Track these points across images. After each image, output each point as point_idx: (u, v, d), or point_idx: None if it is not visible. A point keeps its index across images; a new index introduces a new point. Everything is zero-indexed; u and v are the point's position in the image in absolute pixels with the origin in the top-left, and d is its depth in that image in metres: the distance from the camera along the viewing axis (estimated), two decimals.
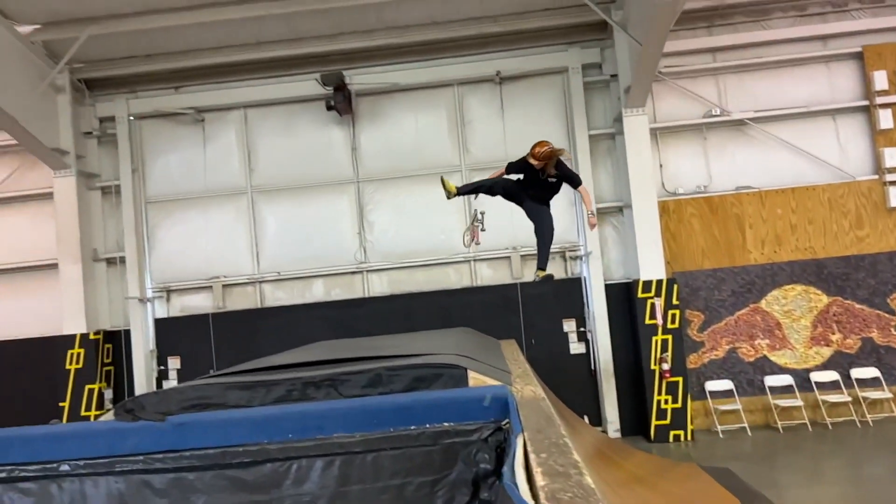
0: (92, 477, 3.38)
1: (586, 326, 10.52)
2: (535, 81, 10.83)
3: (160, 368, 10.79)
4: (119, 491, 3.35)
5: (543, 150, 6.00)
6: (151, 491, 3.34)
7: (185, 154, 11.06)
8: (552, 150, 6.03)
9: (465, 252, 10.71)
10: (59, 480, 3.38)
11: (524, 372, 4.73)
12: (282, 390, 4.13)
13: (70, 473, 3.37)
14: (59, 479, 3.38)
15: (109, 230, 11.03)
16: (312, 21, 10.11)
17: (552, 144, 6.07)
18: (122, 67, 10.77)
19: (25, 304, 10.98)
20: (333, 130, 11.00)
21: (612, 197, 10.67)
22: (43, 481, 3.37)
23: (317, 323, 10.48)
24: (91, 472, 3.38)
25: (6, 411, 10.25)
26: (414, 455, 3.31)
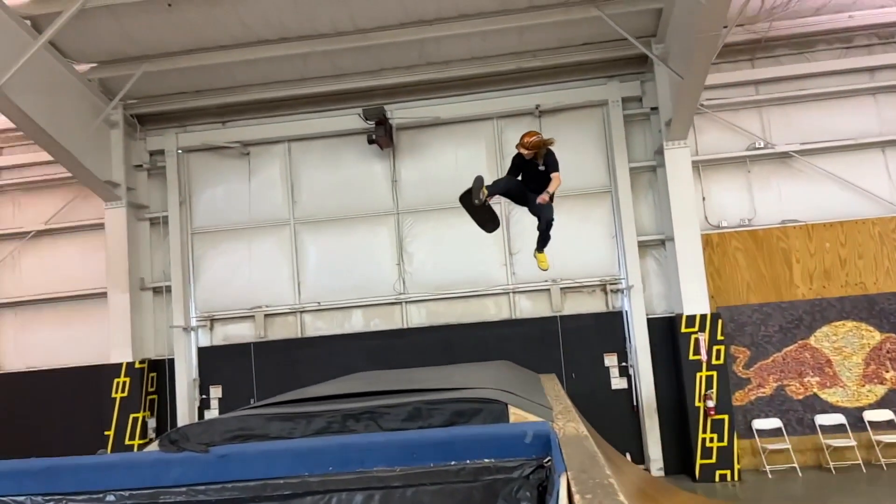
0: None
1: (628, 361, 10.33)
2: (575, 114, 10.85)
3: (202, 397, 10.93)
4: None
5: (532, 139, 6.21)
6: None
7: (231, 186, 11.33)
8: (541, 138, 6.23)
9: (505, 284, 10.69)
10: None
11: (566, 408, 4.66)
12: (322, 422, 4.14)
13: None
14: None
15: (156, 260, 11.32)
16: (355, 57, 10.34)
17: (541, 134, 6.28)
18: (172, 103, 11.15)
19: (75, 332, 11.28)
20: (374, 163, 11.16)
21: (653, 230, 10.54)
22: None
23: (356, 353, 10.52)
24: (136, 502, 3.42)
25: (54, 438, 10.49)
26: (454, 491, 3.28)
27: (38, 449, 9.51)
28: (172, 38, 9.68)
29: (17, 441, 10.66)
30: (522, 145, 6.25)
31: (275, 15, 9.32)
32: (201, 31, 9.54)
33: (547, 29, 9.92)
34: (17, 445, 10.45)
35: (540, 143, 6.21)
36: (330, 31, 9.79)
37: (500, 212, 10.72)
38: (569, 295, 10.61)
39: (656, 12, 9.69)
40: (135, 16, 9.06)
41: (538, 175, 6.42)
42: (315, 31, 9.76)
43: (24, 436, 10.79)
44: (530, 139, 6.19)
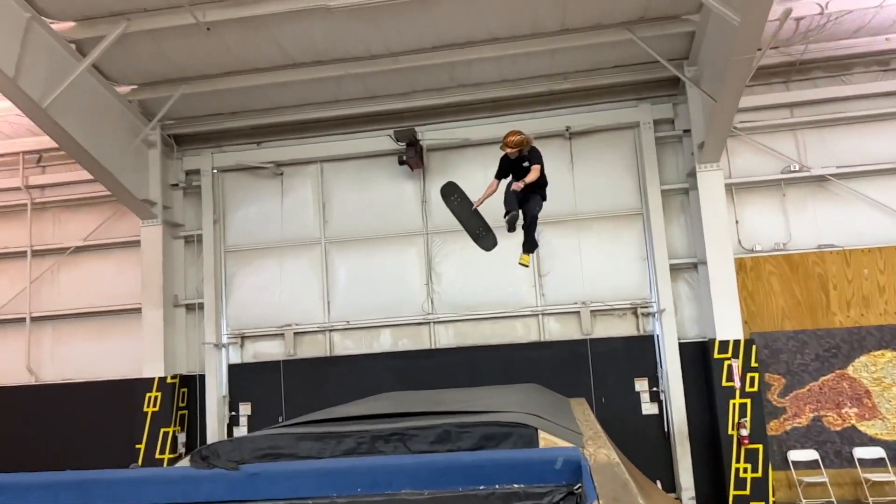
0: None
1: (659, 386, 10.17)
2: (606, 136, 10.83)
3: (231, 414, 11.02)
4: None
5: (515, 138, 6.44)
6: None
7: (264, 205, 11.50)
8: (524, 137, 6.46)
9: (533, 305, 10.63)
10: None
11: (596, 434, 4.60)
12: (351, 442, 4.14)
13: None
14: None
15: (190, 277, 11.50)
16: (387, 80, 10.48)
17: (522, 132, 6.48)
18: (208, 124, 11.40)
19: (109, 346, 11.49)
20: (404, 184, 11.24)
21: (685, 253, 10.42)
22: None
23: (384, 373, 10.53)
24: None
25: (87, 449, 10.66)
26: None
27: (72, 459, 9.70)
28: (210, 61, 9.92)
29: (51, 451, 10.87)
30: (506, 144, 6.49)
31: (310, 38, 9.50)
32: (238, 55, 9.77)
33: (578, 51, 9.95)
34: (51, 455, 10.66)
35: (522, 141, 6.45)
36: (363, 55, 9.94)
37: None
38: (599, 317, 10.51)
39: (689, 35, 9.66)
40: (174, 39, 9.31)
41: (524, 172, 6.63)
42: (349, 55, 9.92)
43: (58, 446, 10.99)
44: (513, 138, 6.44)
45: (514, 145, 6.43)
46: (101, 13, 8.86)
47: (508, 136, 6.46)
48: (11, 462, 10.57)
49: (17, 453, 10.92)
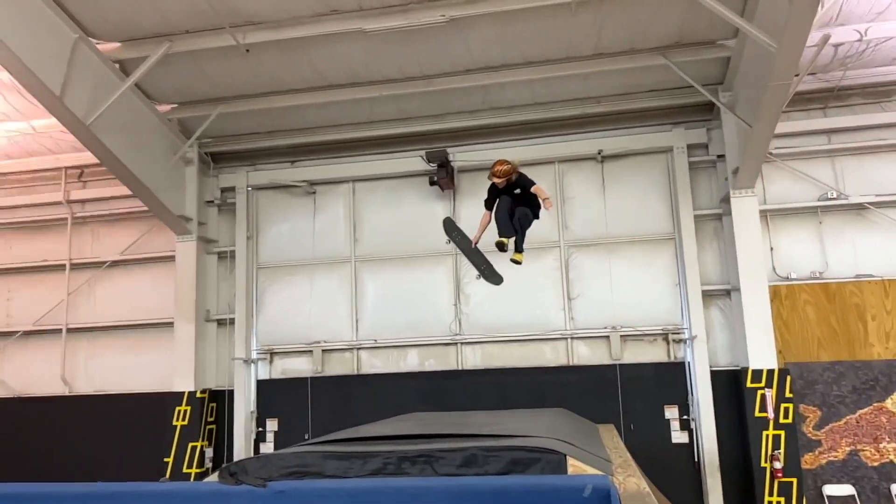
0: None
1: (690, 414, 9.98)
2: (638, 160, 10.78)
3: (259, 430, 11.08)
4: None
5: (504, 167, 6.38)
6: None
7: (296, 223, 11.65)
8: (512, 166, 6.41)
9: (562, 329, 10.55)
10: None
11: (625, 461, 4.53)
12: (378, 462, 4.14)
13: None
14: None
15: (222, 293, 11.66)
16: (420, 102, 10.59)
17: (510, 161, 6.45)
18: (244, 143, 11.62)
19: (141, 359, 11.68)
20: (435, 204, 11.29)
21: (718, 279, 10.27)
22: None
23: (410, 393, 10.52)
24: None
25: (117, 462, 10.80)
26: None
27: (102, 470, 9.84)
28: (247, 82, 10.14)
29: (82, 461, 11.02)
30: (494, 174, 6.44)
31: (345, 61, 9.66)
32: (275, 75, 9.97)
33: (612, 75, 9.96)
34: (82, 465, 10.82)
35: (510, 170, 6.42)
36: (398, 76, 10.07)
37: (560, 257, 10.72)
38: (629, 343, 10.39)
39: (724, 60, 9.61)
40: (214, 60, 9.54)
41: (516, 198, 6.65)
42: (383, 77, 10.06)
43: (89, 456, 11.14)
44: (501, 167, 6.40)
45: (502, 174, 6.41)
46: (145, 34, 9.13)
47: (496, 165, 6.46)
48: (44, 472, 10.77)
49: (50, 463, 11.11)
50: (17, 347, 12.25)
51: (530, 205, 6.75)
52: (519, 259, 7.09)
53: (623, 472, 4.04)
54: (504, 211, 6.74)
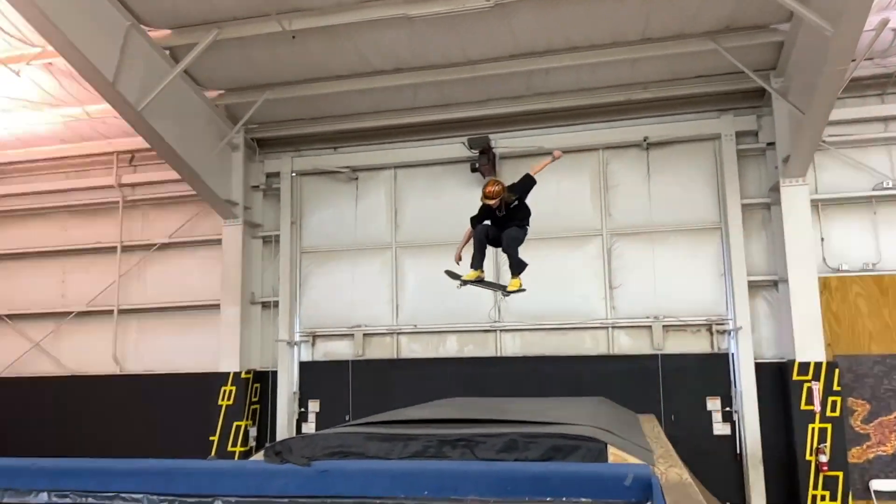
0: None
1: (732, 406, 9.82)
2: (685, 148, 10.57)
3: (301, 410, 11.30)
4: None
5: (496, 188, 6.39)
6: None
7: (339, 209, 11.77)
8: (503, 186, 6.45)
9: (603, 318, 10.47)
10: None
11: (667, 452, 4.50)
12: (419, 445, 4.19)
13: None
14: None
15: (267, 276, 11.88)
16: (463, 88, 10.56)
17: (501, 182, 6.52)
18: (289, 129, 11.77)
19: (189, 340, 11.99)
20: (476, 191, 11.12)
21: (766, 270, 10.04)
22: None
23: (449, 378, 10.57)
24: None
25: (165, 438, 11.14)
26: None
27: (150, 446, 10.16)
28: (293, 68, 10.26)
29: (133, 437, 11.40)
30: (486, 196, 6.43)
31: (390, 47, 9.69)
32: (320, 62, 10.06)
33: (659, 61, 9.77)
34: (132, 441, 11.19)
35: (502, 191, 6.42)
36: (441, 62, 10.06)
37: (602, 245, 10.61)
38: (671, 333, 10.25)
39: (777, 45, 9.33)
40: (261, 47, 9.67)
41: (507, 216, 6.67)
42: (427, 63, 10.06)
43: (138, 433, 11.51)
44: (493, 188, 6.40)
45: (494, 195, 6.38)
46: (194, 22, 9.30)
47: (487, 186, 6.45)
48: (96, 447, 11.17)
49: (102, 439, 11.52)
50: (72, 327, 12.69)
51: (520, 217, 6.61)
52: (516, 286, 6.87)
53: (665, 463, 4.01)
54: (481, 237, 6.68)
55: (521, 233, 6.79)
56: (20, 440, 11.74)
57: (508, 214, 6.66)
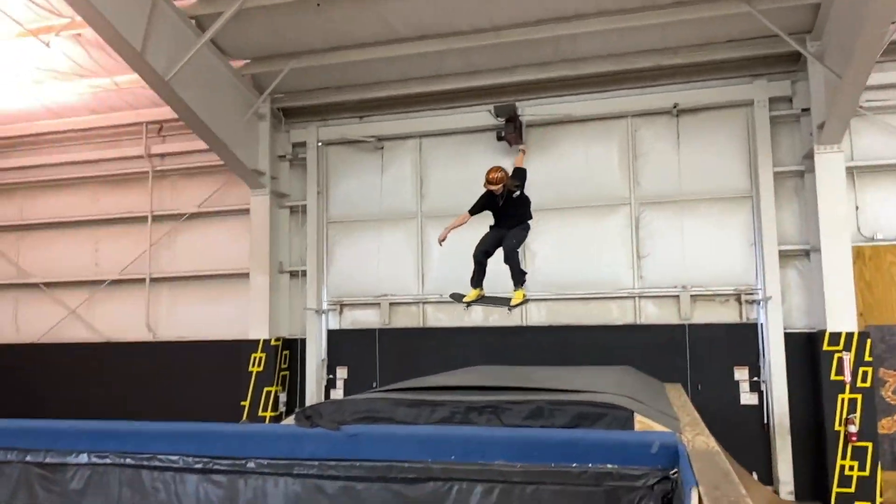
0: (273, 477, 3.68)
1: (760, 376, 9.76)
2: (716, 114, 10.36)
3: (329, 377, 11.49)
4: (295, 493, 3.61)
5: (499, 174, 6.37)
6: (324, 496, 3.57)
7: (365, 179, 11.79)
8: (505, 172, 6.41)
9: (630, 288, 10.42)
10: (246, 476, 3.71)
11: (694, 420, 4.50)
12: (446, 412, 4.26)
13: (255, 471, 3.69)
14: (246, 475, 3.71)
15: (294, 246, 12.00)
16: (489, 54, 10.42)
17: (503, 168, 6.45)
18: (314, 98, 11.75)
19: (219, 308, 12.20)
20: (502, 160, 11.08)
21: (797, 239, 9.87)
22: (232, 476, 3.72)
23: (474, 347, 10.64)
24: (272, 472, 3.68)
25: (197, 403, 11.39)
26: (575, 493, 3.27)
27: (183, 411, 10.42)
28: (318, 36, 10.20)
29: (166, 402, 11.69)
30: (489, 182, 6.41)
31: (415, 13, 9.57)
32: (345, 30, 9.98)
33: (691, 25, 9.51)
34: (166, 406, 11.46)
35: (505, 176, 6.40)
36: (467, 29, 9.92)
37: (630, 214, 10.49)
38: (699, 303, 10.17)
39: (813, 7, 9.02)
40: (286, 15, 9.62)
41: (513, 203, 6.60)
42: (452, 29, 9.93)
43: (172, 398, 11.80)
44: (496, 174, 6.38)
45: (497, 181, 6.36)
46: None
47: (491, 173, 6.41)
48: (131, 412, 11.49)
49: (136, 404, 11.83)
50: (106, 295, 12.98)
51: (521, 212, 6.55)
52: (520, 299, 6.76)
53: (691, 431, 4.02)
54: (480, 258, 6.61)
55: (522, 235, 6.73)
56: (59, 404, 12.15)
57: (509, 203, 6.55)
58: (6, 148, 13.72)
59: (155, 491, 3.80)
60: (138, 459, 3.86)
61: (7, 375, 12.94)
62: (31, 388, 12.74)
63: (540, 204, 10.79)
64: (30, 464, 4.02)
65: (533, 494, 3.34)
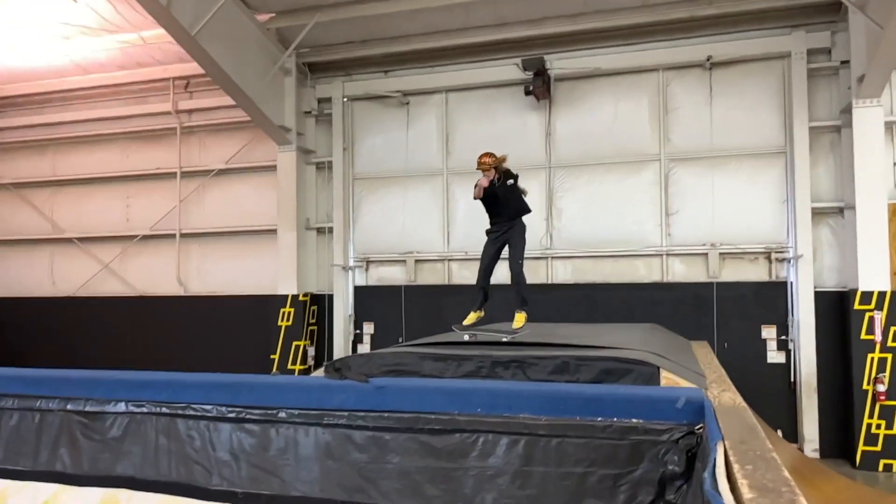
0: (304, 426, 3.77)
1: (788, 335, 9.69)
2: (751, 67, 10.05)
3: (356, 332, 11.67)
4: (325, 441, 3.71)
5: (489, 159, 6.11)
6: (352, 445, 3.66)
7: (390, 135, 11.73)
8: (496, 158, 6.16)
9: (658, 245, 10.33)
10: (277, 426, 3.81)
11: (720, 377, 4.50)
12: (472, 366, 4.32)
13: (286, 420, 3.79)
14: (277, 424, 3.81)
15: (321, 202, 12.06)
16: (518, 6, 10.19)
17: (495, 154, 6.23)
18: (339, 52, 11.64)
19: (248, 263, 12.38)
20: (529, 115, 11.05)
21: (831, 196, 9.66)
22: (264, 424, 3.82)
23: (499, 304, 10.63)
24: (303, 421, 3.78)
25: (229, 357, 11.69)
26: (599, 446, 3.31)
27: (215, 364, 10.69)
28: None
29: (198, 355, 12.01)
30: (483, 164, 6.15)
31: None
32: None
33: None
34: (198, 359, 11.79)
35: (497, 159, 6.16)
36: None
37: (660, 171, 10.32)
38: (728, 261, 10.06)
39: None
40: None
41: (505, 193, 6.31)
42: None
43: (203, 351, 12.12)
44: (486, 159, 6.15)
45: (491, 165, 6.13)
46: None
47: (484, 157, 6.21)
48: (164, 363, 11.82)
49: (170, 355, 12.17)
50: (138, 250, 13.24)
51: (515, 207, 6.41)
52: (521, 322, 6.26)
53: (718, 387, 4.02)
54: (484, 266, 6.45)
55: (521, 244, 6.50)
56: (96, 355, 12.53)
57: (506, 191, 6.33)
58: (37, 104, 13.89)
59: (190, 439, 3.92)
60: (174, 409, 3.98)
61: (45, 328, 13.37)
62: (68, 339, 13.15)
63: (567, 160, 10.80)
64: (70, 412, 4.17)
65: (558, 447, 3.38)
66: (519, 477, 3.41)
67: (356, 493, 3.54)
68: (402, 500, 3.49)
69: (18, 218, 14.01)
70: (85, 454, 4.06)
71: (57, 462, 4.12)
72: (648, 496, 3.23)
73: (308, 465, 3.69)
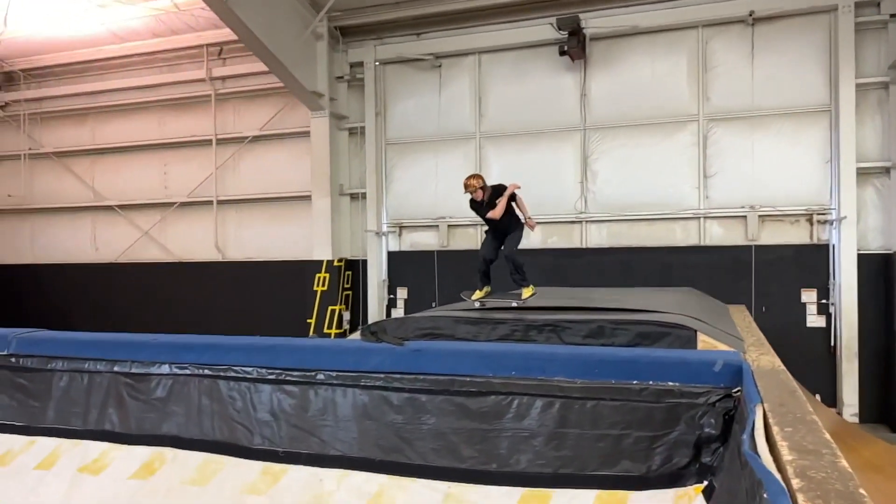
0: (341, 388, 3.84)
1: (829, 299, 9.50)
2: (795, 22, 9.69)
3: (390, 297, 11.78)
4: (363, 403, 3.78)
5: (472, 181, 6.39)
6: (389, 406, 3.72)
7: (422, 99, 11.64)
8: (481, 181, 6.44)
9: (695, 208, 10.15)
10: (316, 387, 3.89)
11: (758, 341, 4.44)
12: (506, 329, 4.33)
13: (324, 382, 3.86)
14: (316, 385, 3.89)
15: (354, 168, 12.09)
16: None
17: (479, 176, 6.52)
18: (371, 15, 11.52)
19: (284, 229, 12.54)
20: (563, 76, 10.85)
21: (877, 156, 9.35)
22: (303, 386, 3.90)
23: (533, 269, 10.42)
24: (341, 383, 3.84)
25: (267, 320, 11.93)
26: (634, 409, 3.31)
27: (252, 327, 10.92)
28: None
29: (236, 318, 12.28)
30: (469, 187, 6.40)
31: None
32: None
33: None
34: (236, 322, 12.06)
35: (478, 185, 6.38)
36: None
37: (698, 131, 10.09)
38: (767, 223, 9.85)
39: None
40: None
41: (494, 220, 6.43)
42: None
43: (241, 315, 12.38)
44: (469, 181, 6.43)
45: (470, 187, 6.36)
46: None
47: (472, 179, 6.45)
48: (203, 326, 12.11)
49: (210, 319, 12.46)
50: (176, 217, 13.48)
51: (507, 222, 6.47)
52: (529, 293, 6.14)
53: (756, 351, 3.97)
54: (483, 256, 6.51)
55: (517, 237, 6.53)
56: (139, 319, 12.89)
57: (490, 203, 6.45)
58: (76, 73, 14.09)
59: (232, 400, 4.02)
60: (216, 370, 4.08)
61: (88, 292, 13.79)
62: (112, 304, 13.54)
63: (602, 122, 10.62)
64: (118, 374, 4.31)
65: (593, 409, 3.38)
66: (554, 438, 3.43)
67: (393, 453, 3.61)
68: (438, 459, 3.54)
69: (62, 186, 14.35)
70: (132, 414, 4.20)
71: (106, 422, 4.27)
72: (684, 458, 3.22)
73: (346, 426, 3.76)
